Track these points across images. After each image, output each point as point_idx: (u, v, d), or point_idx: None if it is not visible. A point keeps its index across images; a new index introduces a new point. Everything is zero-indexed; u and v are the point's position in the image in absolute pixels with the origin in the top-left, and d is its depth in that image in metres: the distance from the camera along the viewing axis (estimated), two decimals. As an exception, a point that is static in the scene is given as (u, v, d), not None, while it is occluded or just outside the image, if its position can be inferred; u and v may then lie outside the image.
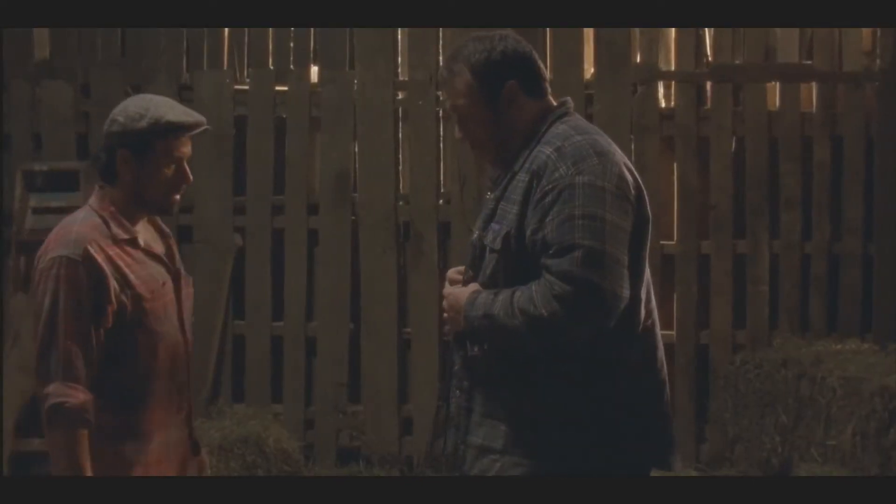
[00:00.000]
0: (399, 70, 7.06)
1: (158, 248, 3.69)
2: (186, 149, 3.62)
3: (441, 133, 7.03)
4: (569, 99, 3.51)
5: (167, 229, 3.78)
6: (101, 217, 3.57)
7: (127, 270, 3.54)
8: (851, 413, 6.09)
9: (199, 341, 5.24)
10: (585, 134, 3.39)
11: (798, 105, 7.00)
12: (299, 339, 7.01)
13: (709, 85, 7.03)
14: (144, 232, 3.67)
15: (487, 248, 3.39)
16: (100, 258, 3.50)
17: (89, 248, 3.50)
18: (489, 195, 3.53)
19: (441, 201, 7.03)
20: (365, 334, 7.00)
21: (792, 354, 6.52)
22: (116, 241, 3.56)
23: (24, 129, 6.94)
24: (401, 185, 7.06)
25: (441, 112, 6.92)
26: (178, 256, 3.75)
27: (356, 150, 7.01)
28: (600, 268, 3.21)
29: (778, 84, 7.02)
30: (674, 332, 6.96)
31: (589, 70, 7.04)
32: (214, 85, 6.93)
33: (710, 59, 7.04)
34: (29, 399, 6.43)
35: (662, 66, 7.06)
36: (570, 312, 3.20)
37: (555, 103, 3.48)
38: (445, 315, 3.46)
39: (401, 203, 7.02)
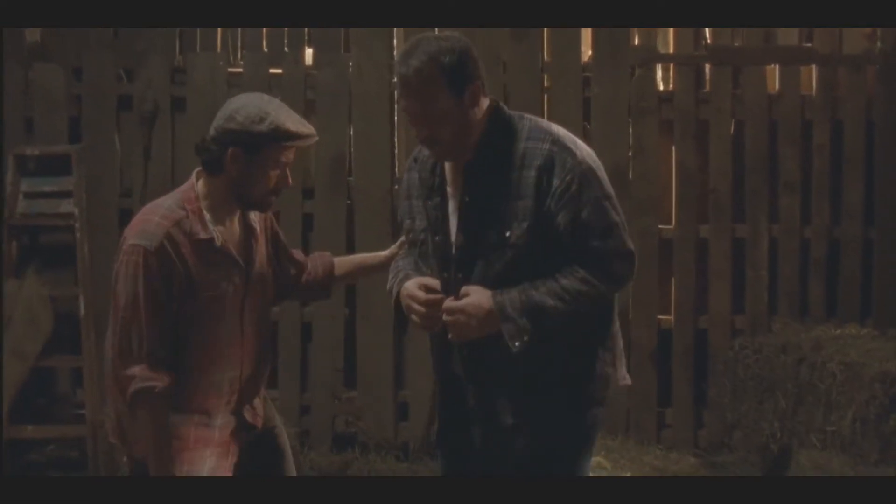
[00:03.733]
0: (395, 53, 7.00)
1: (238, 245, 3.77)
2: (293, 155, 3.76)
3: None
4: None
5: (255, 224, 3.86)
6: (186, 211, 3.68)
7: (193, 270, 3.66)
8: (851, 399, 6.07)
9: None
10: (553, 125, 3.65)
11: (798, 88, 6.95)
12: (295, 324, 6.96)
13: (708, 67, 6.98)
14: (230, 226, 3.76)
15: (506, 245, 3.53)
16: (173, 254, 3.62)
17: (165, 242, 3.61)
18: (460, 199, 3.62)
19: (437, 185, 6.98)
20: (361, 320, 6.96)
21: (791, 339, 6.49)
22: (192, 240, 3.66)
23: (15, 112, 6.86)
24: (396, 170, 7.01)
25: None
26: (260, 253, 3.85)
27: (352, 133, 6.97)
28: (628, 237, 3.63)
29: (778, 67, 6.97)
30: (672, 317, 6.93)
31: (587, 53, 6.99)
32: (208, 67, 6.84)
33: (709, 41, 6.99)
34: (22, 385, 6.39)
35: (661, 49, 7.02)
36: (623, 281, 3.62)
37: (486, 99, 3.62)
38: (460, 329, 3.61)
39: (396, 187, 6.97)
